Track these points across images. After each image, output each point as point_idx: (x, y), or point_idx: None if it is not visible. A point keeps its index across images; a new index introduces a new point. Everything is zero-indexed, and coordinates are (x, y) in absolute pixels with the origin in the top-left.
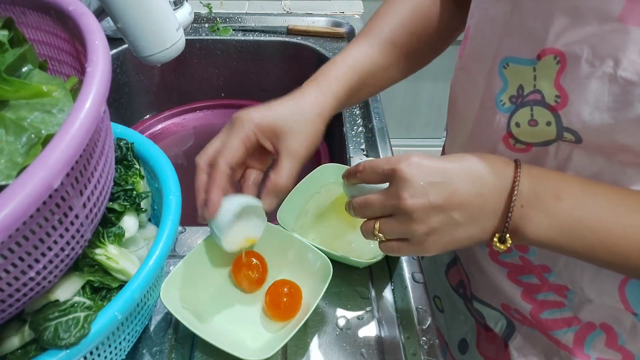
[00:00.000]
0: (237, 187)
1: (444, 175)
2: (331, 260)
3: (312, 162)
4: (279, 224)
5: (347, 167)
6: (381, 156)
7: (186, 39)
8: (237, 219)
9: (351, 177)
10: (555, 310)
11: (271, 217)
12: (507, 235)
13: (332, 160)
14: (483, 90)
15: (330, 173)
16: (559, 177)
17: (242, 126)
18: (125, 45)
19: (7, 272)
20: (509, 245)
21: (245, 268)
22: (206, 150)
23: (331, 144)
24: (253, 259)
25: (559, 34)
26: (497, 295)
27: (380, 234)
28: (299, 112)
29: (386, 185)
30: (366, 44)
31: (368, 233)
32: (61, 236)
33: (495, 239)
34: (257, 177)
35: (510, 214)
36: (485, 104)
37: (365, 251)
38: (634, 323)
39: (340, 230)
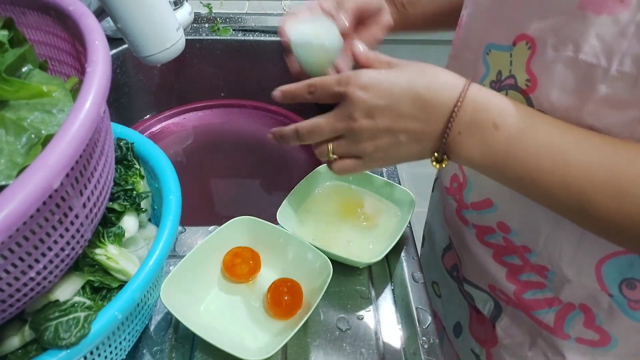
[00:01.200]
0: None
1: (391, 98)
2: (331, 260)
3: (311, 163)
4: (278, 224)
5: None
6: None
7: (186, 39)
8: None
9: (301, 93)
10: (537, 291)
11: (271, 217)
12: (444, 156)
13: None
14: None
15: (329, 174)
16: (504, 106)
17: None
18: (125, 45)
19: (8, 272)
20: (444, 166)
21: (235, 257)
22: None
23: None
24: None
25: (530, 21)
26: (484, 276)
27: (333, 155)
28: None
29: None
30: None
31: (323, 154)
32: (61, 236)
33: (433, 159)
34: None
35: (445, 139)
36: None
37: (364, 251)
38: (610, 304)
39: (340, 231)
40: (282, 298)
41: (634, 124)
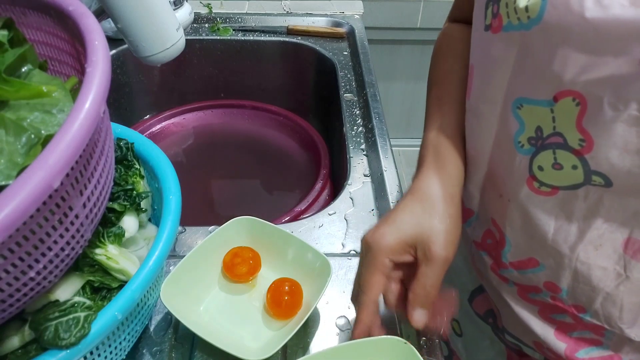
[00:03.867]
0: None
1: None
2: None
3: (311, 163)
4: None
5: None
6: (381, 156)
7: (186, 39)
8: None
9: None
10: (592, 349)
11: (271, 217)
12: None
13: (332, 160)
14: (497, 131)
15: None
16: None
17: (375, 256)
18: (126, 46)
19: (7, 272)
20: None
21: (235, 257)
22: (354, 291)
23: (331, 145)
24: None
25: (576, 75)
26: (527, 333)
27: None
28: (428, 212)
29: None
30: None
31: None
32: (61, 236)
33: None
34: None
35: None
36: (502, 146)
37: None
38: None
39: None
40: (282, 298)
41: None
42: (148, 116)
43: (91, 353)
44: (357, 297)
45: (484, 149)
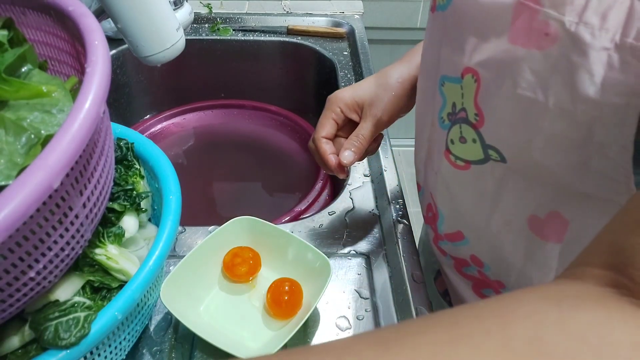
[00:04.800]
0: None
1: None
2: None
3: (311, 163)
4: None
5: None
6: (381, 156)
7: (186, 39)
8: None
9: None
10: None
11: (271, 217)
12: None
13: None
14: (432, 108)
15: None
16: None
17: (332, 105)
18: (126, 46)
19: (7, 272)
20: None
21: (235, 257)
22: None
23: None
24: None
25: (471, 54)
26: None
27: None
28: (381, 83)
29: None
30: None
31: None
32: (61, 236)
33: None
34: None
35: None
36: (433, 122)
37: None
38: None
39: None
40: (282, 298)
41: (580, 169)
42: (148, 116)
43: (91, 353)
44: (313, 137)
45: (425, 126)
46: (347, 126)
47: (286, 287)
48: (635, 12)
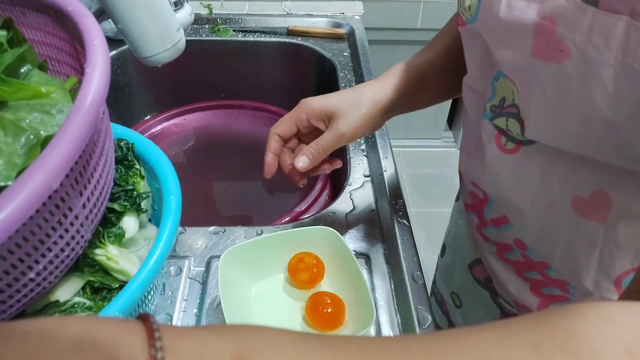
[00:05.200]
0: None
1: None
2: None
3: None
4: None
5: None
6: (381, 156)
7: (186, 40)
8: None
9: None
10: (560, 304)
11: (270, 218)
12: None
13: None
14: (481, 99)
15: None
16: None
17: (298, 108)
18: (126, 46)
19: (7, 273)
20: None
21: (300, 262)
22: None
23: None
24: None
25: (501, 61)
26: (507, 292)
27: None
28: (353, 99)
29: None
30: (427, 50)
31: None
32: (61, 237)
33: None
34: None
35: None
36: (478, 111)
37: None
38: None
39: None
40: (322, 310)
41: (622, 148)
42: (148, 117)
43: None
44: (270, 132)
45: (473, 115)
46: (312, 134)
47: (327, 300)
48: (631, 38)
